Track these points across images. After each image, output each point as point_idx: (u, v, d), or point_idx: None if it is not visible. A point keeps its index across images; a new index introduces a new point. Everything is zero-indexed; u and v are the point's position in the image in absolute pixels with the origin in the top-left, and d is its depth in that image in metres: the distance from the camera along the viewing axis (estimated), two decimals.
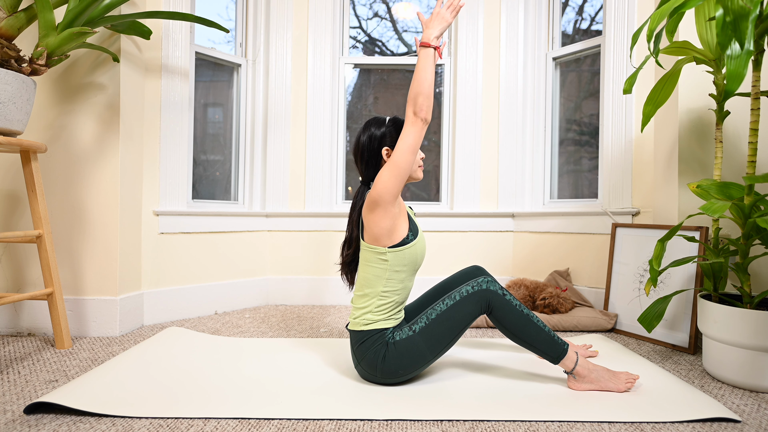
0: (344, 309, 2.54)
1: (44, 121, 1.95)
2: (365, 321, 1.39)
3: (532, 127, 2.72)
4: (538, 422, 1.17)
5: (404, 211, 1.43)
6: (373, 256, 1.39)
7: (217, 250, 2.44)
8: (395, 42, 2.88)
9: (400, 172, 1.31)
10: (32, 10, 1.59)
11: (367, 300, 1.41)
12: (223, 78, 2.63)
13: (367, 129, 1.48)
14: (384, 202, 1.32)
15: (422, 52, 1.34)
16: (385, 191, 1.31)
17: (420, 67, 1.32)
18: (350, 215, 1.52)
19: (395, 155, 1.31)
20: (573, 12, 2.67)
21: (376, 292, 1.40)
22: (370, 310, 1.39)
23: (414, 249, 1.41)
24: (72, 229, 1.95)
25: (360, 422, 1.17)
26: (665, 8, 1.35)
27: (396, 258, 1.38)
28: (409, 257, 1.40)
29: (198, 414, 1.19)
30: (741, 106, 1.87)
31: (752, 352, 1.38)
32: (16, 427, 1.11)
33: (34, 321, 1.94)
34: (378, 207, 1.33)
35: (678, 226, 1.45)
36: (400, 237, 1.38)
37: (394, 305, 1.41)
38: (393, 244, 1.37)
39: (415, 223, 1.46)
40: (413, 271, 1.44)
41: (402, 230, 1.39)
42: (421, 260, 1.44)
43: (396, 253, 1.38)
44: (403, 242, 1.38)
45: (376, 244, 1.38)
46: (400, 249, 1.38)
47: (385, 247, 1.37)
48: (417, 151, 1.33)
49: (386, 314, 1.40)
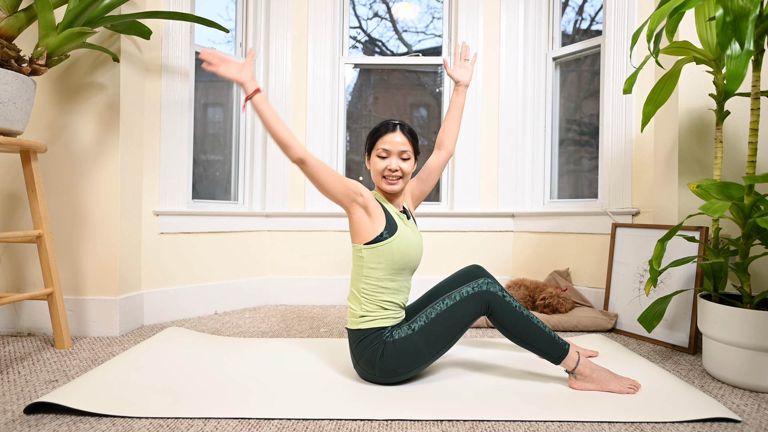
0: (344, 309, 2.54)
1: (44, 121, 1.95)
2: (360, 319, 1.39)
3: (532, 127, 2.72)
4: (538, 422, 1.17)
5: (378, 210, 1.43)
6: (354, 253, 1.46)
7: (217, 250, 2.44)
8: (395, 42, 2.88)
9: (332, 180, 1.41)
10: (32, 10, 1.59)
11: (354, 297, 1.45)
12: (223, 78, 2.63)
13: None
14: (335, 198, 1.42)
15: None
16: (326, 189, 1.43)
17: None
18: None
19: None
20: (573, 12, 2.67)
21: (357, 288, 1.44)
22: (357, 307, 1.42)
23: (389, 247, 1.40)
24: (72, 229, 1.95)
25: (360, 422, 1.17)
26: (665, 8, 1.35)
27: (370, 255, 1.40)
28: (384, 255, 1.40)
29: (198, 414, 1.19)
30: (741, 106, 1.86)
31: (752, 352, 1.38)
32: (16, 427, 1.11)
33: (34, 321, 1.94)
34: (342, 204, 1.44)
35: (678, 226, 1.45)
36: (374, 234, 1.40)
37: (384, 304, 1.41)
38: (367, 241, 1.41)
39: (395, 223, 1.44)
40: (395, 271, 1.42)
41: (377, 228, 1.41)
42: (403, 260, 1.42)
43: (370, 250, 1.40)
44: (377, 239, 1.40)
45: (354, 241, 1.44)
46: (374, 246, 1.40)
47: (361, 244, 1.42)
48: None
49: (381, 313, 1.40)
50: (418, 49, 2.89)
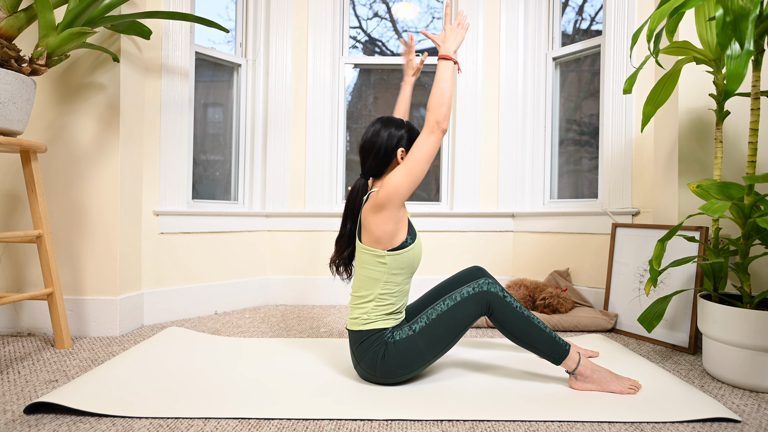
0: (344, 309, 2.54)
1: (44, 121, 1.95)
2: (363, 321, 1.39)
3: (532, 127, 2.72)
4: (538, 422, 1.17)
5: (406, 216, 1.43)
6: (371, 259, 1.39)
7: (217, 250, 2.44)
8: (395, 42, 2.88)
9: (414, 179, 1.33)
10: (32, 10, 1.59)
11: (364, 302, 1.40)
12: (223, 78, 2.63)
13: (387, 126, 1.46)
14: (392, 205, 1.33)
15: (443, 64, 1.37)
16: (395, 194, 1.32)
17: (442, 78, 1.35)
18: (346, 209, 1.48)
19: (412, 161, 1.32)
20: (573, 12, 2.67)
21: (374, 294, 1.39)
22: (367, 311, 1.39)
23: (412, 252, 1.41)
24: (72, 229, 1.95)
25: (360, 422, 1.17)
26: (665, 8, 1.35)
27: (395, 261, 1.38)
28: (407, 260, 1.40)
29: (198, 414, 1.19)
30: (741, 106, 1.87)
31: (752, 352, 1.38)
32: (16, 427, 1.11)
33: (34, 321, 1.94)
34: (385, 209, 1.34)
35: (678, 226, 1.45)
36: (400, 241, 1.38)
37: (392, 307, 1.41)
38: (392, 247, 1.38)
39: (413, 226, 1.46)
40: (411, 274, 1.44)
41: (402, 234, 1.39)
42: (418, 263, 1.44)
43: (395, 257, 1.38)
44: (402, 246, 1.39)
45: (375, 247, 1.38)
46: (399, 252, 1.38)
47: (385, 251, 1.37)
48: (432, 159, 1.35)
49: (385, 315, 1.40)
50: (419, 49, 2.89)
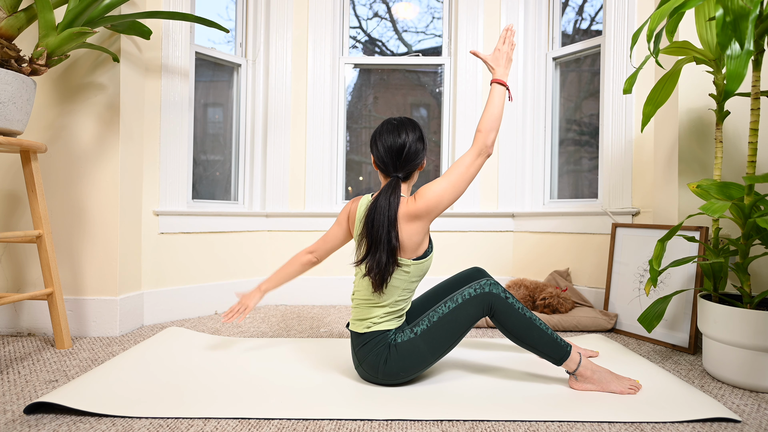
0: (344, 309, 2.54)
1: (44, 121, 1.95)
2: (370, 324, 1.39)
3: (532, 127, 2.72)
4: (538, 422, 1.17)
5: None
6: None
7: (216, 250, 2.44)
8: (395, 42, 2.88)
9: (456, 195, 1.34)
10: (32, 10, 1.59)
11: (377, 306, 1.39)
12: (223, 78, 2.63)
13: (414, 130, 1.40)
14: (429, 217, 1.34)
15: (497, 89, 1.37)
16: (436, 207, 1.33)
17: (496, 104, 1.35)
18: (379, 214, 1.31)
19: (455, 177, 1.33)
20: (573, 12, 2.67)
21: (390, 300, 1.38)
22: (379, 315, 1.39)
23: (429, 260, 1.43)
24: (72, 229, 1.95)
25: (360, 422, 1.17)
26: (665, 8, 1.35)
27: (417, 269, 1.39)
28: (426, 268, 1.42)
29: (198, 414, 1.19)
30: (741, 106, 1.86)
31: (752, 352, 1.38)
32: (16, 427, 1.11)
33: (34, 321, 1.94)
34: (420, 219, 1.34)
35: (678, 226, 1.44)
36: (424, 250, 1.40)
37: (402, 311, 1.42)
38: (417, 256, 1.38)
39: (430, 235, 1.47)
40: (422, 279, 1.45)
41: (426, 243, 1.40)
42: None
43: (418, 265, 1.39)
44: (425, 254, 1.40)
45: (401, 256, 1.36)
46: (422, 261, 1.39)
47: (410, 260, 1.37)
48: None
49: (391, 318, 1.40)
50: (418, 49, 2.89)
